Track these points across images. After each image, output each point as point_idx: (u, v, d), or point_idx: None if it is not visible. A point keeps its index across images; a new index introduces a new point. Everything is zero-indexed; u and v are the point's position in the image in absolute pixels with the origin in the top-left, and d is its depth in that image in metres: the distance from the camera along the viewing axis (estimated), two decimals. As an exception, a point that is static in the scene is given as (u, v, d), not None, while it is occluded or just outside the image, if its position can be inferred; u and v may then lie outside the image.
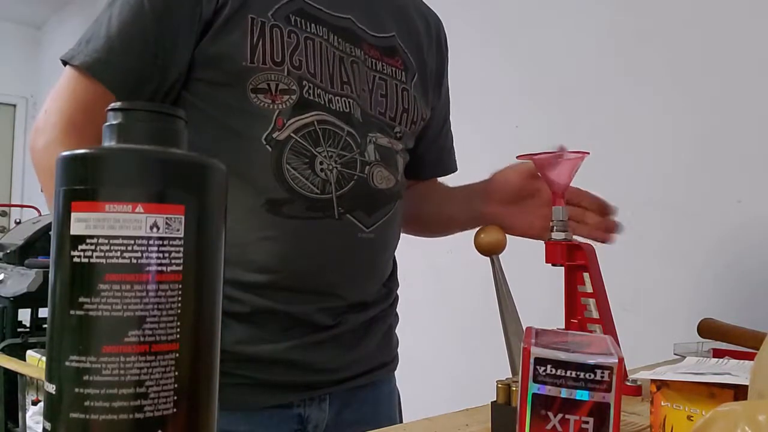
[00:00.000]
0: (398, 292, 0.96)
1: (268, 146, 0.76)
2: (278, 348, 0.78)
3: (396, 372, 0.98)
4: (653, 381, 0.57)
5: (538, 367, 0.45)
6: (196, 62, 0.76)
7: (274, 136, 0.76)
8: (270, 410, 0.79)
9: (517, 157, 0.87)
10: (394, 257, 0.96)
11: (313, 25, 0.81)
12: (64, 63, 0.77)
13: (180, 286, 0.35)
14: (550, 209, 0.85)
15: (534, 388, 0.45)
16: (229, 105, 0.76)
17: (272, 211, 0.76)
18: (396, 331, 0.97)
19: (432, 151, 1.04)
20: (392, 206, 0.87)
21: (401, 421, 0.96)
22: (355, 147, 0.82)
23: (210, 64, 0.76)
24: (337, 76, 0.81)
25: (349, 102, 0.82)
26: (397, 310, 0.97)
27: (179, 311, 0.35)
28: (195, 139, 0.75)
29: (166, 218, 0.35)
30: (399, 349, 0.98)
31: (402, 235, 0.95)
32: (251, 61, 0.75)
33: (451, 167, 1.09)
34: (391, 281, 0.94)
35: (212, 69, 0.76)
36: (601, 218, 0.90)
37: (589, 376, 0.44)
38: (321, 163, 0.78)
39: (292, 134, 0.77)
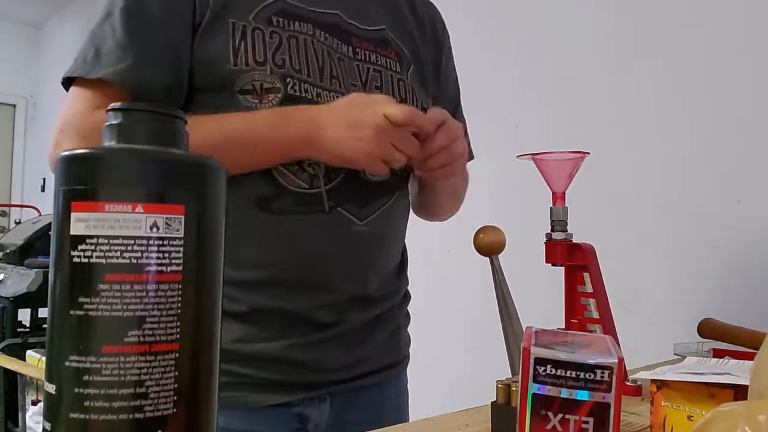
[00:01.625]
0: (402, 290, 0.95)
1: None
2: (277, 346, 0.78)
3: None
4: (653, 381, 0.57)
5: (538, 367, 0.45)
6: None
7: None
8: (270, 409, 0.79)
9: (517, 157, 0.87)
10: (405, 253, 0.95)
11: (296, 23, 0.81)
12: (69, 80, 0.77)
13: (180, 286, 0.35)
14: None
15: (534, 388, 0.45)
16: (219, 108, 0.77)
17: (261, 208, 0.77)
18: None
19: None
20: (389, 198, 0.86)
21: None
22: None
23: (196, 69, 0.77)
24: (327, 69, 0.81)
25: (338, 96, 0.81)
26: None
27: (179, 311, 0.35)
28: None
29: (166, 218, 0.35)
30: (399, 349, 0.97)
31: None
32: (235, 63, 0.76)
33: (470, 155, 1.07)
34: (400, 278, 0.93)
35: (199, 75, 0.77)
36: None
37: (589, 376, 0.44)
38: (308, 157, 0.78)
39: None
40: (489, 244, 0.86)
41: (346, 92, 0.82)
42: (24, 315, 2.83)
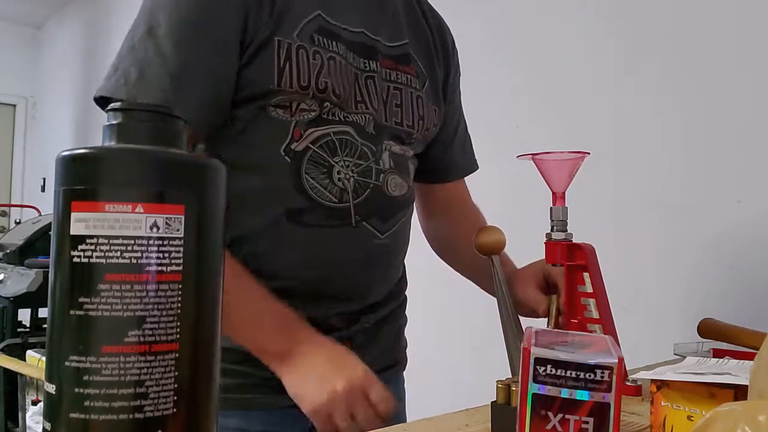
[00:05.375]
0: (402, 292, 0.97)
1: (287, 157, 0.78)
2: None
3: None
4: (653, 381, 0.57)
5: (538, 367, 0.45)
6: None
7: (293, 147, 0.78)
8: (285, 410, 0.80)
9: (517, 157, 0.87)
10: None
11: (333, 43, 0.81)
12: (104, 101, 0.71)
13: (180, 286, 0.35)
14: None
15: (534, 388, 0.45)
16: (249, 119, 0.77)
17: (292, 220, 0.78)
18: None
19: (447, 154, 1.05)
20: (405, 212, 0.89)
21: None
22: (371, 155, 0.83)
23: (239, 86, 0.76)
24: (352, 96, 0.83)
25: (364, 117, 0.83)
26: (399, 310, 0.97)
27: (179, 311, 0.35)
28: (216, 154, 0.76)
29: (166, 218, 0.35)
30: (399, 349, 0.98)
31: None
32: (278, 84, 0.76)
33: (470, 168, 1.10)
34: (401, 281, 0.95)
35: (239, 90, 0.77)
36: None
37: (589, 376, 0.44)
38: (338, 172, 0.80)
39: (310, 145, 0.79)
40: (489, 244, 0.86)
41: (374, 111, 0.84)
42: (24, 315, 2.83)
